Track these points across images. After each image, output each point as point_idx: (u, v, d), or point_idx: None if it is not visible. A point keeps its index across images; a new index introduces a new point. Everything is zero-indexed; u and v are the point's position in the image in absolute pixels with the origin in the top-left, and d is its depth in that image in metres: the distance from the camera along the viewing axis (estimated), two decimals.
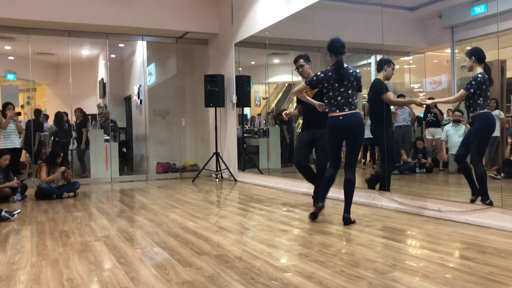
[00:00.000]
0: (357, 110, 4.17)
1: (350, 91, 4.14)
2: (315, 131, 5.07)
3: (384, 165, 5.23)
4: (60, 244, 3.68)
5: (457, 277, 2.57)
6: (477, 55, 4.27)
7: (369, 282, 2.52)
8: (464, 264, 2.82)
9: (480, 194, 4.14)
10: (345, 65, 4.19)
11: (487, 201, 4.05)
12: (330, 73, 4.16)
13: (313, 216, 4.26)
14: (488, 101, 4.22)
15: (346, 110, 4.11)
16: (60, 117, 9.32)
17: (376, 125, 5.16)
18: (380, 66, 5.11)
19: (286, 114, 5.25)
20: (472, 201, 4.19)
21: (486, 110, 4.22)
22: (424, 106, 6.40)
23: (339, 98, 4.12)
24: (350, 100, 4.13)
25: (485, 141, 4.35)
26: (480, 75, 4.19)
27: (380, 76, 5.17)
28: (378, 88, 5.10)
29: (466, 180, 4.32)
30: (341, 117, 4.12)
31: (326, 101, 4.23)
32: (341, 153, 4.35)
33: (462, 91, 4.28)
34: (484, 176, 4.21)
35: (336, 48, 4.18)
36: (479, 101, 4.20)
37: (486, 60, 4.65)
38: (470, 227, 3.88)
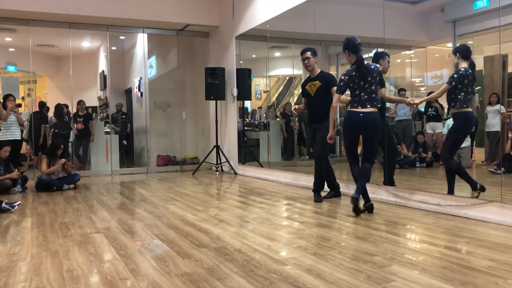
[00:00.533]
0: (376, 108, 4.20)
1: (373, 87, 4.17)
2: (316, 126, 5.14)
3: (384, 160, 5.22)
4: (60, 235, 3.69)
5: (456, 271, 2.57)
6: (461, 51, 4.28)
7: (367, 275, 2.52)
8: (463, 258, 2.82)
9: (480, 189, 4.14)
10: (365, 62, 4.21)
11: (477, 188, 4.07)
12: (353, 73, 4.19)
13: (357, 210, 4.18)
14: (469, 97, 4.20)
15: (368, 106, 4.15)
16: (60, 109, 9.32)
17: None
18: (375, 60, 5.08)
19: (295, 109, 5.30)
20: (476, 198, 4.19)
21: (464, 107, 4.23)
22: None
23: (362, 94, 4.16)
24: (373, 96, 4.16)
25: (461, 140, 4.41)
26: (462, 69, 4.21)
27: None
28: None
29: (462, 178, 4.30)
30: (361, 114, 4.16)
31: (351, 98, 4.26)
32: (357, 149, 4.38)
33: (444, 85, 4.30)
34: (460, 168, 4.27)
35: (355, 46, 4.20)
36: (459, 96, 4.20)
37: (487, 55, 4.65)
38: (470, 221, 3.89)
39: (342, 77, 4.23)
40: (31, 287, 2.47)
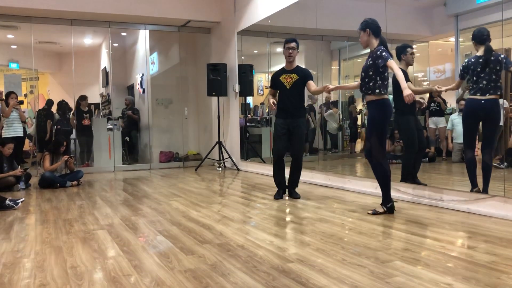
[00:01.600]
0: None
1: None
2: (290, 120, 5.01)
3: (406, 155, 5.14)
4: (64, 232, 3.71)
5: (459, 266, 2.58)
6: (475, 37, 4.29)
7: (370, 270, 2.53)
8: (466, 253, 2.83)
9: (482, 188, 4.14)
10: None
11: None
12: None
13: None
14: (480, 85, 4.16)
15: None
16: (64, 106, 9.36)
17: (400, 115, 4.97)
18: (397, 55, 5.01)
19: (274, 103, 5.08)
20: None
21: (471, 95, 4.24)
22: (428, 94, 6.39)
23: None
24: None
25: (464, 129, 4.42)
26: (466, 60, 4.29)
27: (401, 65, 5.04)
28: None
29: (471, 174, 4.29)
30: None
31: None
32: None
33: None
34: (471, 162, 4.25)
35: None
36: (471, 85, 4.23)
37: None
38: (472, 216, 3.89)
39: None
40: (35, 283, 2.48)
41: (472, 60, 4.24)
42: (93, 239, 3.45)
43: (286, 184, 5.20)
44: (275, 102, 5.10)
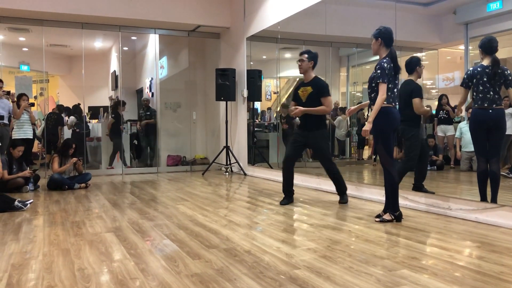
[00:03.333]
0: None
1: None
2: (307, 133, 5.05)
3: (405, 165, 5.11)
4: (72, 234, 3.73)
5: (466, 275, 2.56)
6: (482, 46, 4.23)
7: (377, 278, 2.52)
8: (474, 263, 2.81)
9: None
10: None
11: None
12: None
13: None
14: (487, 96, 4.12)
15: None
16: (80, 109, 9.48)
17: (408, 125, 4.94)
18: (411, 67, 4.97)
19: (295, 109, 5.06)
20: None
21: (475, 106, 4.22)
22: (437, 102, 6.37)
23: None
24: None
25: (473, 140, 4.38)
26: (470, 69, 4.25)
27: (413, 77, 4.99)
28: (416, 92, 4.89)
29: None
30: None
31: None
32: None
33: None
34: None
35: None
36: (474, 95, 4.22)
37: (501, 57, 4.60)
38: (481, 226, 3.86)
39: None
40: (43, 285, 2.50)
41: (479, 69, 4.16)
42: (101, 241, 3.47)
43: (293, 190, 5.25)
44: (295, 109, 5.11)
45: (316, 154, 5.05)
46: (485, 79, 4.11)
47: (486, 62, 4.15)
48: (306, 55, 5.04)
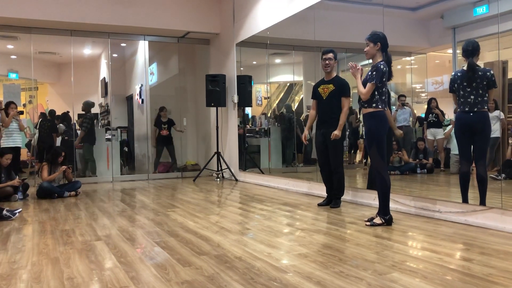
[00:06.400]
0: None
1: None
2: (324, 131, 5.15)
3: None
4: (61, 243, 3.70)
5: (456, 278, 2.57)
6: (463, 50, 4.30)
7: (368, 282, 2.52)
8: (463, 265, 2.82)
9: None
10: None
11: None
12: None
13: None
14: (467, 100, 4.18)
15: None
16: (69, 117, 9.40)
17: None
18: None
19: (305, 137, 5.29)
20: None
21: (459, 110, 4.28)
22: (426, 106, 6.42)
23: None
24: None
25: (457, 144, 4.45)
26: (452, 74, 4.35)
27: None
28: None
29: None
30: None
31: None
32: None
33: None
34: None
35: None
36: (457, 101, 4.31)
37: (487, 61, 4.67)
38: (470, 228, 3.89)
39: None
40: None
41: (459, 74, 4.27)
42: (90, 250, 3.44)
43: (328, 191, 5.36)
44: (306, 137, 5.30)
45: (330, 152, 5.10)
46: (465, 83, 4.18)
47: (466, 66, 4.23)
48: (332, 54, 5.17)
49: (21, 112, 7.34)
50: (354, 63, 4.24)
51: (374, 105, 4.09)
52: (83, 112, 9.25)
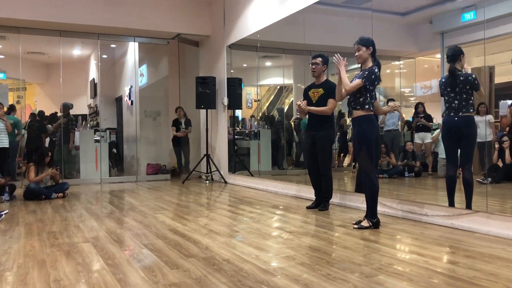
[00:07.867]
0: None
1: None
2: (313, 133, 5.19)
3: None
4: (48, 245, 3.67)
5: (442, 281, 2.60)
6: (447, 55, 4.36)
7: (354, 285, 2.54)
8: (449, 268, 2.85)
9: None
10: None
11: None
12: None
13: None
14: (452, 105, 4.24)
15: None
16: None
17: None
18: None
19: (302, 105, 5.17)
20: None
21: (445, 114, 4.38)
22: (414, 110, 6.49)
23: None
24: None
25: (444, 147, 4.49)
26: (439, 79, 4.41)
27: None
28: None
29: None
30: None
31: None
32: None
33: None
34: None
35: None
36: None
37: (475, 66, 4.73)
38: (456, 232, 3.93)
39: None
40: None
41: (443, 80, 4.34)
42: (78, 252, 3.42)
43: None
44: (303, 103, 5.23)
45: (318, 155, 5.12)
46: (449, 88, 4.24)
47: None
48: (320, 59, 5.19)
49: (8, 112, 7.26)
50: (340, 56, 4.27)
51: (366, 107, 4.12)
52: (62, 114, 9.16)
